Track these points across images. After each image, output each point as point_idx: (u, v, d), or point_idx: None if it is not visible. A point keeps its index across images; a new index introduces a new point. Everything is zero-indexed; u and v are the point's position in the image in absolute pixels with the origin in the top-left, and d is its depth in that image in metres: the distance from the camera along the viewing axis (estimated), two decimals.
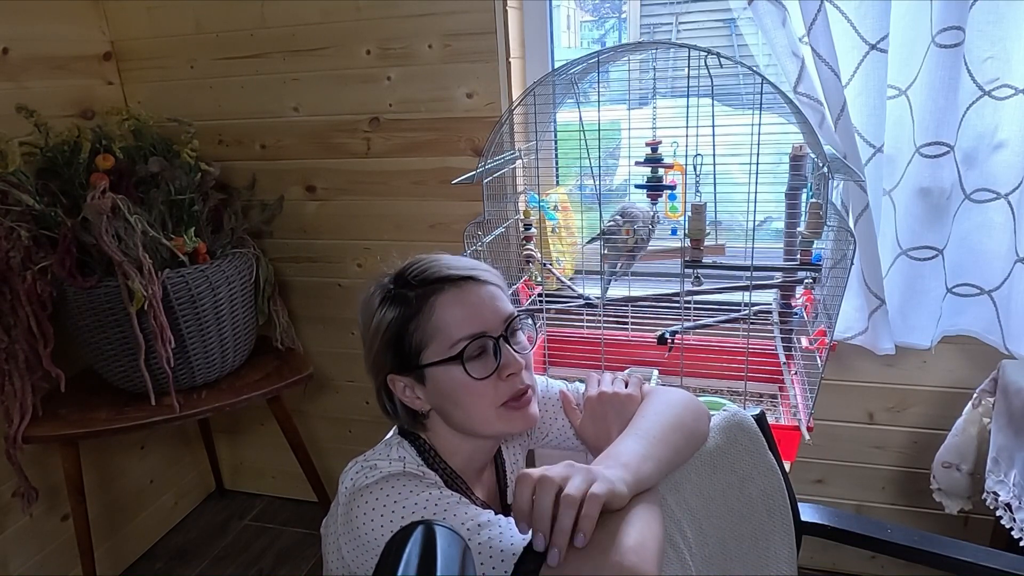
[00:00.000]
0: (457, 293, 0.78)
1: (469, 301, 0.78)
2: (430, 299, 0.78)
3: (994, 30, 1.21)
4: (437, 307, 0.78)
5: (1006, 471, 1.25)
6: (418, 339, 0.78)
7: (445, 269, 0.80)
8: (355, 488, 0.75)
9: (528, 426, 0.82)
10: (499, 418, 0.79)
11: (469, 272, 0.80)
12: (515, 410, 0.80)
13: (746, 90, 1.11)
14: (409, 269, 0.81)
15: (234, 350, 1.66)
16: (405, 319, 0.78)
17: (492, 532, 0.69)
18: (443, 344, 0.77)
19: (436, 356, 0.78)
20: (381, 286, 0.82)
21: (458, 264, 0.81)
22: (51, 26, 1.65)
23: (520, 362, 0.80)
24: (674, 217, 1.37)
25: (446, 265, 0.80)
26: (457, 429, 0.82)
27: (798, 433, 1.16)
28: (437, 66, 1.58)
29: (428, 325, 0.78)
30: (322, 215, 1.81)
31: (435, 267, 0.80)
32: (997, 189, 1.30)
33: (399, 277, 0.81)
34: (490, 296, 0.80)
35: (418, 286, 0.79)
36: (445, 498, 0.73)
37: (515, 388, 0.79)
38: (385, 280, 0.82)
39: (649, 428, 0.79)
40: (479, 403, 0.78)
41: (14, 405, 1.46)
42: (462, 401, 0.78)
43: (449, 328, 0.77)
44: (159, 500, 2.04)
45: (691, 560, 0.79)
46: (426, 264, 0.81)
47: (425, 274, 0.80)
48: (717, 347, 1.41)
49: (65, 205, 1.48)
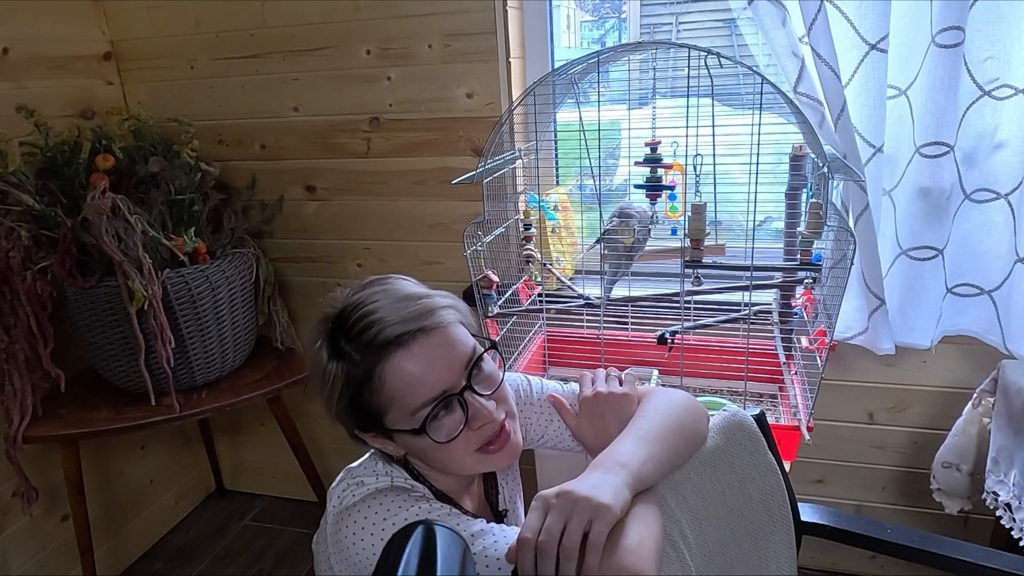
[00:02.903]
0: (406, 355, 0.69)
1: (421, 361, 0.70)
2: (377, 367, 0.70)
3: (994, 30, 1.21)
4: (388, 375, 0.70)
5: (1006, 471, 1.25)
6: (375, 406, 0.72)
7: (388, 328, 0.69)
8: (342, 507, 0.74)
9: (511, 459, 0.79)
10: (478, 462, 0.77)
11: (415, 325, 0.70)
12: (493, 453, 0.77)
13: (746, 90, 1.11)
14: (350, 321, 0.71)
15: (234, 350, 1.66)
16: (356, 384, 0.71)
17: (487, 541, 0.69)
18: (402, 412, 0.71)
19: (399, 424, 0.72)
20: (325, 329, 0.73)
21: (404, 313, 0.71)
22: (51, 26, 1.65)
23: (489, 408, 0.74)
24: (674, 217, 1.37)
25: (388, 321, 0.70)
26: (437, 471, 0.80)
27: (798, 433, 1.16)
28: (437, 66, 1.58)
29: (382, 394, 0.71)
30: (322, 215, 1.81)
31: (377, 325, 0.70)
32: (997, 189, 1.30)
33: (341, 327, 0.72)
34: (445, 346, 0.72)
35: (362, 350, 0.70)
36: (435, 511, 0.72)
37: (488, 434, 0.75)
38: (329, 323, 0.73)
39: (649, 428, 0.78)
40: (454, 456, 0.74)
41: (14, 405, 1.46)
42: (436, 458, 0.75)
43: (406, 396, 0.70)
44: (159, 500, 2.04)
45: (691, 560, 0.79)
46: (367, 319, 0.70)
47: (367, 335, 0.70)
48: (717, 347, 1.41)
49: (65, 205, 1.48)
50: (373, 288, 0.75)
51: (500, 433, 0.77)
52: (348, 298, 0.74)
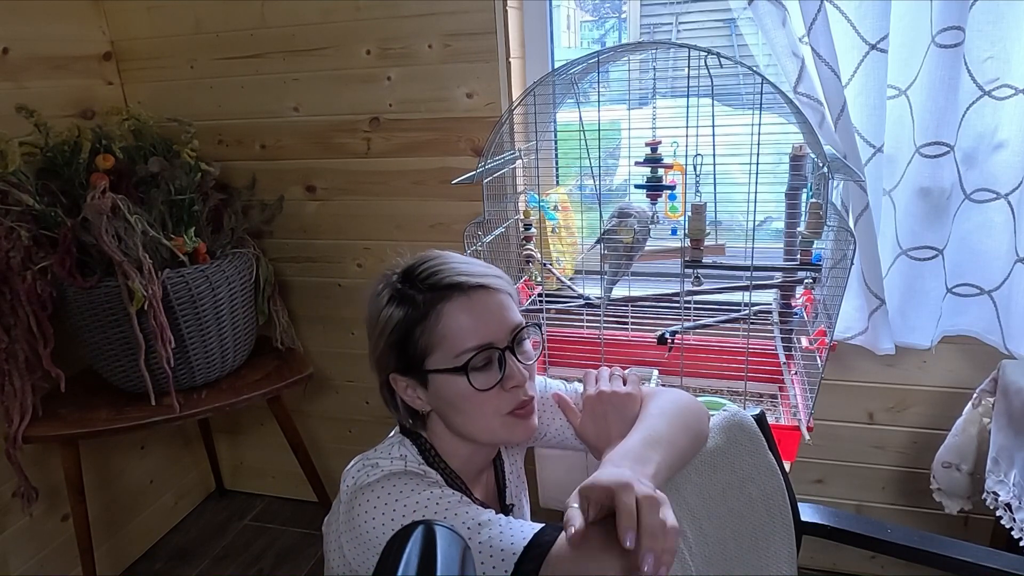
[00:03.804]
0: (465, 302, 0.76)
1: (477, 311, 0.76)
2: (437, 305, 0.75)
3: (994, 30, 1.21)
4: (444, 315, 0.75)
5: (1006, 471, 1.25)
6: (423, 344, 0.76)
7: (455, 275, 0.77)
8: (357, 486, 0.75)
9: (528, 435, 0.81)
10: (502, 426, 0.79)
11: (479, 280, 0.77)
12: (519, 419, 0.79)
13: (746, 90, 1.11)
14: (419, 269, 0.79)
15: (234, 350, 1.66)
16: (411, 322, 0.76)
17: (492, 531, 0.69)
18: (448, 353, 0.76)
19: (440, 364, 0.76)
20: (389, 283, 0.80)
21: (469, 270, 0.78)
22: (51, 26, 1.65)
23: (524, 374, 0.78)
24: (674, 217, 1.37)
25: (457, 270, 0.77)
26: (456, 433, 0.81)
27: (798, 433, 1.16)
28: (437, 66, 1.58)
29: (434, 332, 0.76)
30: (322, 215, 1.81)
31: (445, 271, 0.77)
32: (997, 189, 1.30)
33: (408, 275, 0.79)
34: (499, 306, 0.78)
35: (426, 290, 0.76)
36: (446, 497, 0.73)
37: (518, 399, 0.78)
38: (394, 277, 0.80)
39: (657, 427, 0.79)
40: (481, 412, 0.77)
41: (14, 405, 1.46)
42: (464, 409, 0.78)
43: (455, 337, 0.75)
44: (159, 500, 2.04)
45: (691, 560, 0.79)
46: (436, 266, 0.78)
47: (434, 278, 0.77)
48: (717, 347, 1.41)
49: (65, 205, 1.48)
50: (437, 252, 0.82)
51: (527, 405, 0.79)
52: (416, 258, 0.81)
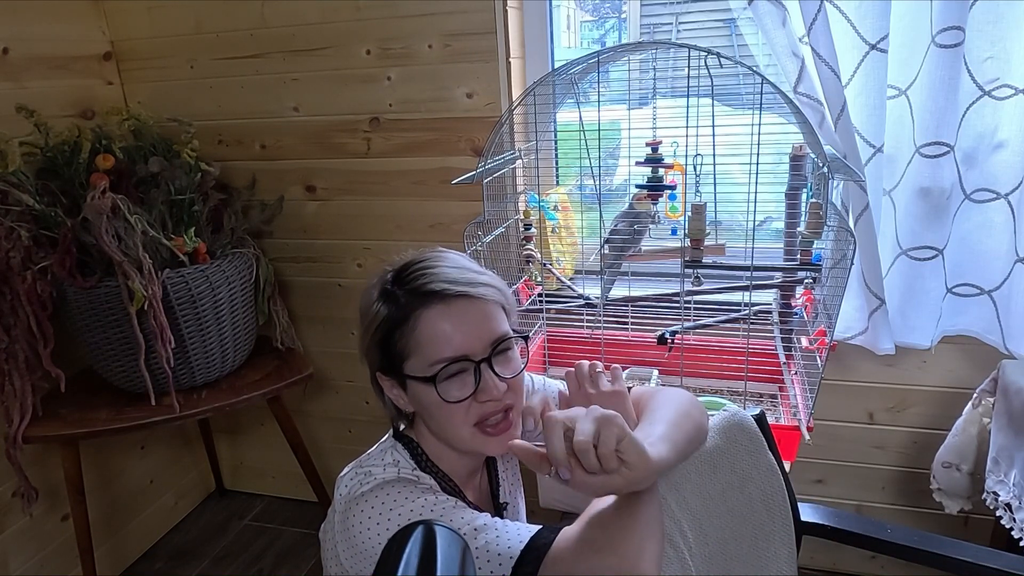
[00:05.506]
0: (444, 310, 0.74)
1: (455, 321, 0.74)
2: (417, 311, 0.74)
3: (994, 30, 1.21)
4: (421, 322, 0.74)
5: (1006, 471, 1.25)
6: (401, 348, 0.76)
7: (439, 282, 0.75)
8: (351, 496, 0.75)
9: (503, 451, 0.80)
10: (472, 438, 0.77)
11: (462, 289, 0.75)
12: (490, 435, 0.77)
13: (746, 90, 1.11)
14: (409, 269, 0.78)
15: (234, 350, 1.66)
16: (393, 324, 0.76)
17: (489, 536, 0.69)
18: (423, 360, 0.75)
19: (415, 371, 0.76)
20: (383, 279, 0.79)
21: (456, 277, 0.76)
22: (51, 26, 1.65)
23: (500, 387, 0.76)
24: (674, 217, 1.37)
25: (443, 276, 0.76)
26: (436, 438, 0.81)
27: (798, 433, 1.16)
28: (437, 66, 1.58)
29: (411, 337, 0.75)
30: (322, 215, 1.81)
31: (430, 276, 0.76)
32: (997, 189, 1.30)
33: (399, 275, 0.78)
34: (481, 316, 0.76)
35: (409, 294, 0.75)
36: (441, 503, 0.73)
37: (488, 413, 0.77)
38: (388, 274, 0.79)
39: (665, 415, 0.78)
40: (451, 421, 0.76)
41: (14, 405, 1.46)
42: (436, 416, 0.77)
43: (430, 346, 0.74)
44: (159, 500, 2.04)
45: (691, 560, 0.79)
46: (424, 270, 0.77)
47: (418, 283, 0.76)
48: (717, 347, 1.41)
49: (65, 205, 1.48)
50: (437, 252, 0.81)
51: (503, 419, 0.78)
52: (413, 256, 0.80)
